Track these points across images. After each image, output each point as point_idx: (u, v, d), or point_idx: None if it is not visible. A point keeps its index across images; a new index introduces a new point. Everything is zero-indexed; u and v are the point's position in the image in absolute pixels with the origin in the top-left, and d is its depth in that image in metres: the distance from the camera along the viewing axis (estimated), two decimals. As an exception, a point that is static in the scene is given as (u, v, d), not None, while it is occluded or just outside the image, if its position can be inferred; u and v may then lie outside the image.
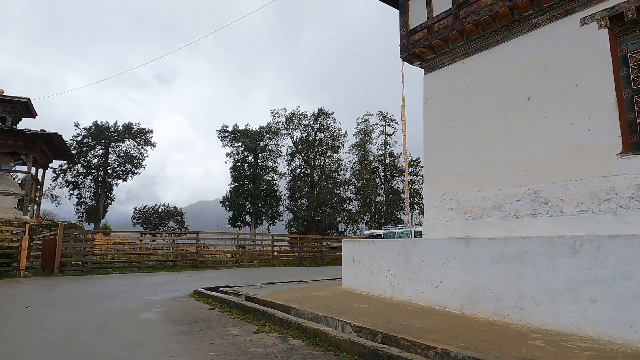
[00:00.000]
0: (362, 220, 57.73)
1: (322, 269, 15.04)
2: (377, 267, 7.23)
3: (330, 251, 19.44)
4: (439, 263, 6.11)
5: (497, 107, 7.04)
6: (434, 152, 8.04)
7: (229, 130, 54.76)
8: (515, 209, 6.56)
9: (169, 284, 10.20)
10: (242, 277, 11.60)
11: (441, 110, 8.03)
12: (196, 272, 13.42)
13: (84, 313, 6.45)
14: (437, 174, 7.90)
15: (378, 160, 58.99)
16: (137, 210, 57.62)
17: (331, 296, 7.19)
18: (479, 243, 5.63)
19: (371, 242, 7.44)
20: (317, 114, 58.32)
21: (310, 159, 58.44)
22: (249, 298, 7.40)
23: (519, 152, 6.64)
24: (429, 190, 8.01)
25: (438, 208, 7.76)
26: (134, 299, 7.86)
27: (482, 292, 5.48)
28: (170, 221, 59.28)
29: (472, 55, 7.60)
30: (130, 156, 50.51)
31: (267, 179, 55.06)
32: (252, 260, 16.41)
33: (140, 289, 9.29)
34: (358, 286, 7.59)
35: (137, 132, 50.92)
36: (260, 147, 54.65)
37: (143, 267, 13.84)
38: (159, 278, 11.63)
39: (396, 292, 6.75)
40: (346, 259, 7.98)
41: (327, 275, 12.02)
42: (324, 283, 9.38)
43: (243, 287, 8.88)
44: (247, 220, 54.26)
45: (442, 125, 7.95)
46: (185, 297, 8.06)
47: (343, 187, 59.28)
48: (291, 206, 57.64)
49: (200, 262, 14.88)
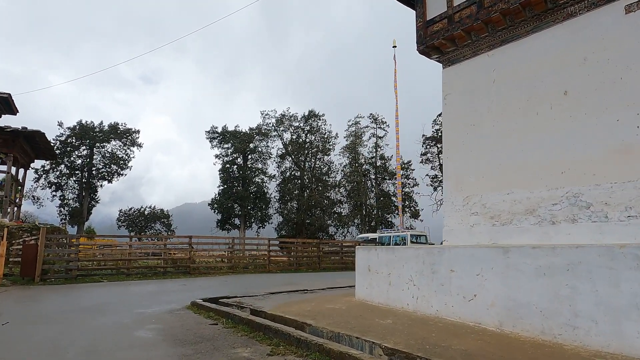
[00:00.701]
0: (353, 224, 57.22)
1: (322, 276, 14.36)
2: (396, 277, 6.58)
3: (326, 256, 18.77)
4: (472, 274, 5.49)
5: (528, 103, 6.48)
6: (455, 152, 7.44)
7: (218, 131, 53.76)
8: (551, 214, 5.99)
9: (162, 293, 9.40)
10: (240, 285, 10.85)
11: (462, 106, 7.44)
12: (189, 280, 12.62)
13: (69, 332, 5.66)
14: (459, 175, 7.30)
15: (369, 163, 58.57)
16: (122, 212, 56.14)
17: (347, 309, 6.52)
18: (521, 252, 5.02)
19: (390, 249, 6.80)
20: (307, 115, 57.66)
21: (301, 161, 57.75)
22: (255, 312, 6.68)
23: (554, 152, 6.07)
24: (450, 192, 7.41)
25: (460, 212, 7.16)
26: (125, 312, 7.08)
27: (525, 307, 4.87)
28: (156, 224, 57.97)
29: (498, 48, 7.03)
30: (116, 157, 49.17)
31: (256, 181, 54.20)
32: (247, 266, 15.63)
33: (131, 300, 8.49)
34: (375, 298, 6.94)
35: (123, 132, 49.59)
36: (250, 148, 53.77)
37: (132, 274, 12.96)
38: (151, 287, 10.81)
39: (421, 306, 6.11)
40: (360, 267, 7.32)
41: (331, 282, 11.34)
42: (332, 293, 8.71)
43: (245, 297, 8.15)
44: (236, 223, 53.28)
45: (464, 123, 7.36)
46: (183, 310, 7.30)
47: (333, 190, 58.68)
48: (281, 209, 56.82)
49: (193, 269, 14.05)
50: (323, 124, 58.21)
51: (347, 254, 19.84)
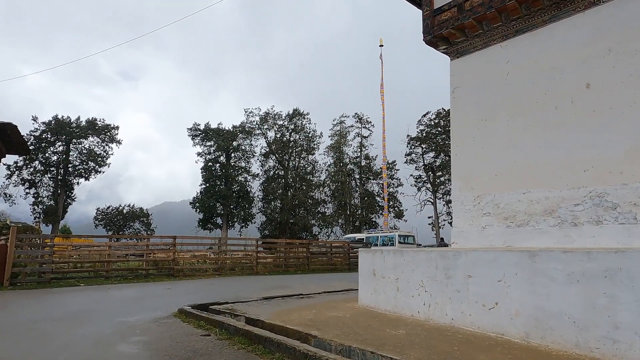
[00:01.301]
0: (337, 223, 56.87)
1: (312, 278, 13.80)
2: (405, 282, 6.09)
3: (314, 257, 18.19)
4: (493, 280, 5.03)
5: (546, 97, 6.07)
6: (465, 149, 7.00)
7: (201, 129, 52.61)
8: (573, 215, 5.59)
9: (146, 298, 8.70)
10: (229, 289, 10.21)
11: (473, 100, 7.01)
12: (174, 283, 11.89)
13: (42, 347, 4.98)
14: (470, 173, 6.87)
15: (353, 163, 58.30)
16: (100, 211, 54.50)
17: (352, 318, 5.99)
18: (550, 257, 4.58)
19: (398, 252, 6.31)
20: (292, 114, 57.00)
21: (285, 160, 57.07)
22: (250, 320, 6.10)
23: (576, 149, 5.68)
24: (460, 192, 6.97)
25: (471, 213, 6.72)
26: (106, 321, 6.39)
27: (556, 318, 4.43)
28: (135, 223, 56.49)
29: (512, 38, 6.62)
30: (94, 153, 47.53)
31: (239, 180, 53.25)
32: (233, 267, 14.93)
33: (112, 306, 7.77)
34: (380, 304, 6.44)
35: (101, 128, 48.01)
36: (233, 146, 52.79)
37: (112, 277, 12.12)
38: (132, 291, 10.06)
39: (433, 314, 5.63)
40: (364, 271, 6.81)
41: (325, 286, 10.81)
42: (331, 298, 8.17)
43: (237, 303, 7.54)
44: (219, 222, 52.25)
45: (475, 118, 6.93)
46: (170, 318, 6.66)
47: (318, 190, 58.20)
48: (264, 208, 56.04)
49: (177, 271, 13.28)
50: (308, 122, 57.66)
51: (336, 255, 19.38)
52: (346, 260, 19.03)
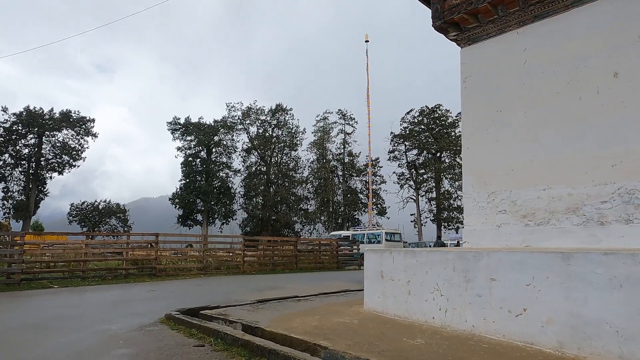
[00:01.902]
0: (320, 220, 56.44)
1: (303, 277, 13.24)
2: (418, 285, 5.61)
3: (302, 255, 17.61)
4: (520, 284, 4.60)
5: (568, 87, 5.68)
6: (478, 142, 6.57)
7: (181, 123, 51.25)
8: (599, 213, 5.22)
9: (128, 302, 7.97)
10: (217, 290, 9.57)
11: (486, 90, 6.58)
12: (157, 283, 11.14)
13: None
14: (483, 168, 6.44)
15: (337, 159, 57.90)
16: (74, 206, 52.59)
17: (360, 324, 5.48)
18: (588, 259, 4.16)
19: (409, 253, 5.82)
20: (274, 109, 56.14)
21: (267, 155, 56.23)
22: (249, 328, 5.52)
23: (602, 142, 5.31)
24: (471, 188, 6.53)
25: (485, 210, 6.30)
26: (84, 330, 5.70)
27: (595, 326, 4.02)
28: (112, 219, 54.78)
29: (530, 24, 6.20)
30: (68, 147, 45.66)
31: (220, 176, 52.17)
32: (219, 266, 14.24)
33: (90, 311, 7.04)
34: (390, 309, 5.95)
35: (76, 120, 46.15)
36: (214, 141, 51.61)
37: (89, 278, 11.27)
38: (113, 293, 9.29)
39: (451, 320, 5.17)
40: (371, 273, 6.31)
41: (318, 286, 10.29)
42: (330, 300, 7.64)
43: (230, 307, 6.94)
44: (199, 219, 51.11)
45: (489, 109, 6.50)
46: (156, 326, 6.00)
47: (300, 186, 57.63)
48: (246, 204, 55.14)
49: (159, 270, 12.51)
50: (290, 118, 56.92)
51: (324, 253, 18.86)
52: (334, 259, 18.54)
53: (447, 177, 52.82)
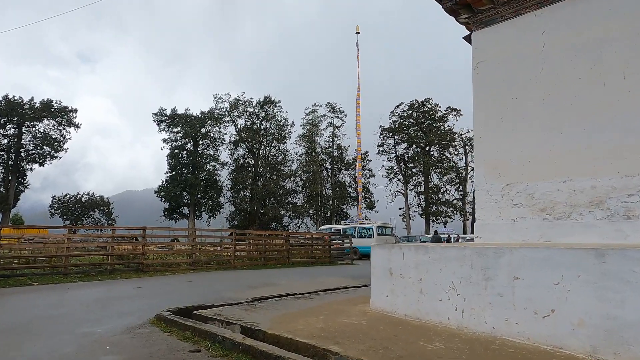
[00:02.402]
0: (308, 214, 56.04)
1: (297, 272, 12.82)
2: (431, 283, 5.23)
3: (294, 249, 17.14)
4: (547, 283, 4.24)
5: (591, 72, 5.32)
6: (492, 131, 6.19)
7: (167, 114, 50.14)
8: (626, 207, 4.88)
9: (114, 300, 7.43)
10: (209, 287, 9.08)
11: (501, 76, 6.19)
12: (144, 280, 10.57)
13: (-21, 373, 3.78)
14: (497, 159, 6.06)
15: (325, 153, 57.44)
16: (56, 199, 51.21)
17: (370, 325, 5.08)
18: (624, 256, 3.82)
19: (421, 249, 5.42)
20: (263, 101, 55.31)
21: (255, 148, 55.50)
22: (248, 330, 5.07)
23: (629, 131, 4.96)
24: (485, 180, 6.16)
25: (499, 203, 5.93)
26: (66, 333, 5.18)
27: (635, 330, 3.68)
28: (95, 212, 53.54)
29: (549, 6, 5.81)
30: (49, 138, 44.27)
31: (207, 169, 51.31)
32: (209, 261, 13.70)
33: (73, 312, 6.50)
34: (399, 309, 5.56)
35: (58, 110, 44.74)
36: (201, 133, 50.65)
37: (71, 274, 10.63)
38: (97, 291, 8.71)
39: (468, 321, 4.80)
40: (378, 270, 5.90)
41: (314, 282, 9.89)
42: (331, 298, 7.22)
43: (225, 306, 6.48)
44: (185, 212, 50.24)
45: (503, 96, 6.11)
46: (146, 327, 5.51)
47: (289, 179, 57.07)
48: (233, 198, 54.44)
49: (146, 266, 11.93)
50: (279, 110, 56.19)
51: (317, 247, 18.43)
52: (327, 253, 18.13)
53: (435, 172, 52.90)
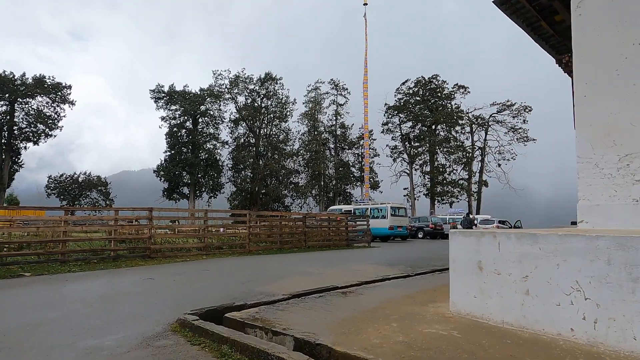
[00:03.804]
0: (310, 194, 54.97)
1: (319, 257, 11.61)
2: (543, 283, 4.00)
3: (310, 232, 15.88)
4: None
5: None
6: (603, 87, 4.87)
7: (165, 91, 48.33)
8: None
9: (122, 297, 6.17)
10: (230, 278, 7.85)
11: (615, 17, 4.83)
12: (153, 268, 9.31)
13: None
14: (610, 123, 4.76)
15: (328, 131, 56.02)
16: (52, 179, 49.80)
17: (466, 338, 3.86)
18: None
19: (527, 237, 4.16)
20: (264, 78, 53.48)
21: (256, 127, 53.95)
22: (306, 345, 3.84)
23: None
24: (592, 149, 4.87)
25: (613, 179, 4.66)
26: (63, 347, 3.96)
27: None
28: (92, 192, 52.27)
29: None
30: (43, 115, 42.55)
31: (208, 147, 49.84)
32: (221, 246, 12.47)
33: (72, 314, 5.24)
34: (493, 314, 4.34)
35: (51, 87, 42.90)
36: (201, 111, 48.96)
37: (69, 262, 9.38)
38: (100, 283, 7.46)
39: (606, 335, 3.59)
40: (462, 263, 4.66)
41: (347, 270, 8.69)
42: (383, 293, 5.97)
43: (260, 306, 5.26)
44: (185, 192, 48.99)
45: (618, 42, 4.77)
46: (168, 337, 4.29)
47: (291, 159, 55.78)
48: (234, 178, 53.22)
49: (154, 251, 10.70)
50: (280, 88, 54.47)
51: (334, 229, 17.16)
52: (343, 235, 16.93)
53: (442, 151, 51.69)
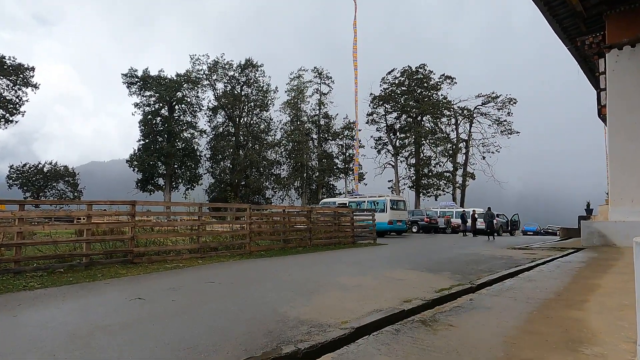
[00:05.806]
0: (293, 186, 53.10)
1: (333, 259, 9.72)
2: None
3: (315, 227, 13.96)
4: None
5: None
6: None
7: (138, 76, 45.15)
8: None
9: (101, 337, 4.08)
10: (246, 293, 5.97)
11: None
12: (140, 279, 7.16)
13: None
14: None
15: (311, 121, 54.11)
16: (14, 168, 45.99)
17: None
18: None
19: None
20: (244, 65, 50.94)
21: (235, 115, 51.46)
22: None
23: None
24: None
25: None
26: None
27: None
28: (59, 183, 48.76)
29: None
30: (4, 99, 38.89)
31: (184, 137, 47.13)
32: (216, 246, 10.39)
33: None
34: None
35: (12, 68, 39.22)
36: (177, 98, 46.11)
37: (26, 272, 7.05)
38: (68, 310, 5.23)
39: None
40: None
41: (382, 278, 6.94)
42: (482, 320, 4.27)
43: (319, 348, 3.44)
44: (160, 183, 46.19)
45: None
46: None
47: (272, 149, 53.63)
48: (212, 168, 50.69)
49: (138, 255, 8.53)
50: (261, 75, 52.10)
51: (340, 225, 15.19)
52: (350, 232, 15.09)
53: (428, 142, 50.73)
